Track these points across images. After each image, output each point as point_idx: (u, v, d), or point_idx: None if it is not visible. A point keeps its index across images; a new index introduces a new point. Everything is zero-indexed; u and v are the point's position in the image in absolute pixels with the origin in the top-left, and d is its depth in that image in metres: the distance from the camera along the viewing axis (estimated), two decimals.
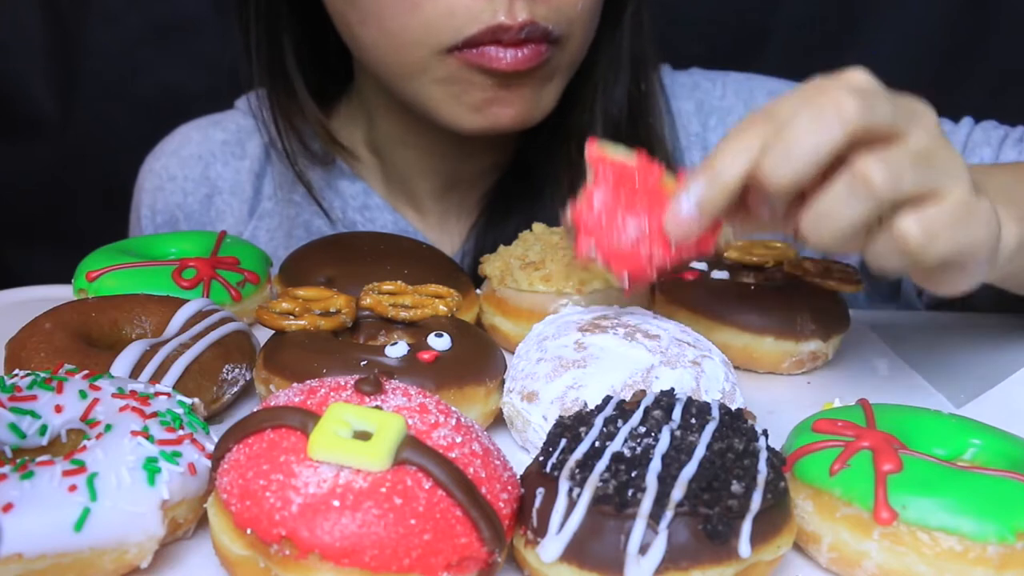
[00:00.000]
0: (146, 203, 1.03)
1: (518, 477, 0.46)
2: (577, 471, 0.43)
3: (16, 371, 0.52)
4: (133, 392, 0.50)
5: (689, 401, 0.48)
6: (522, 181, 0.97)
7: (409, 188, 1.01)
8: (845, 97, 0.50)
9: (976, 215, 0.53)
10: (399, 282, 0.65)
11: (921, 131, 0.52)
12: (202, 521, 0.47)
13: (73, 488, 0.42)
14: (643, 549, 0.40)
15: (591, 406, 0.50)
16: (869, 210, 0.51)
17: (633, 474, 0.42)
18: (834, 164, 0.51)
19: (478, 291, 0.77)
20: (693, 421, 0.46)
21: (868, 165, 0.50)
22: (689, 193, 0.53)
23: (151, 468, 0.44)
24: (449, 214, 1.02)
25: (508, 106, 0.82)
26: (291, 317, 0.60)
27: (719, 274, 0.73)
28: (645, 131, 0.96)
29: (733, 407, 0.52)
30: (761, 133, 0.51)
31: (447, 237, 1.01)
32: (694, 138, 1.03)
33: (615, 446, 0.44)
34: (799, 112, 0.50)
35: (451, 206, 1.01)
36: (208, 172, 1.02)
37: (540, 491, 0.44)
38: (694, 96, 1.03)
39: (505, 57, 0.78)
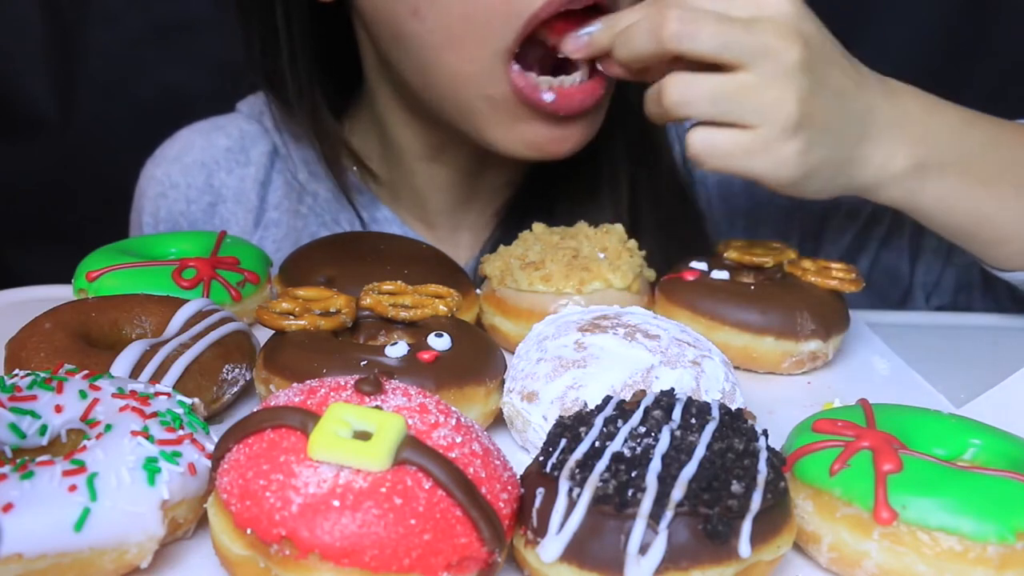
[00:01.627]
0: (148, 210, 1.02)
1: (518, 477, 0.46)
2: (577, 471, 0.43)
3: (16, 371, 0.52)
4: (133, 392, 0.50)
5: (689, 401, 0.48)
6: (538, 199, 0.96)
7: (421, 203, 0.99)
8: (672, 18, 0.64)
9: (769, 154, 0.65)
10: (399, 282, 0.65)
11: (756, 69, 0.64)
12: (202, 521, 0.47)
13: (73, 488, 0.42)
14: (643, 549, 0.40)
15: (591, 406, 0.50)
16: (652, 51, 0.66)
17: (633, 474, 0.42)
18: None
19: (478, 291, 0.77)
20: (693, 421, 0.46)
21: (668, 83, 0.66)
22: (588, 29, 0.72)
23: (151, 468, 0.44)
24: (462, 229, 1.00)
25: (564, 144, 0.80)
26: (291, 317, 0.60)
27: (719, 274, 0.73)
28: (654, 142, 0.96)
29: (733, 407, 0.52)
30: (630, 18, 0.68)
31: (459, 252, 0.99)
32: None
33: (615, 446, 0.44)
34: (641, 15, 0.67)
35: (464, 222, 1.00)
36: (212, 180, 1.01)
37: (540, 491, 0.44)
38: None
39: (571, 100, 0.76)
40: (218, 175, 1.01)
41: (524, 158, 0.82)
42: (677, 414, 0.47)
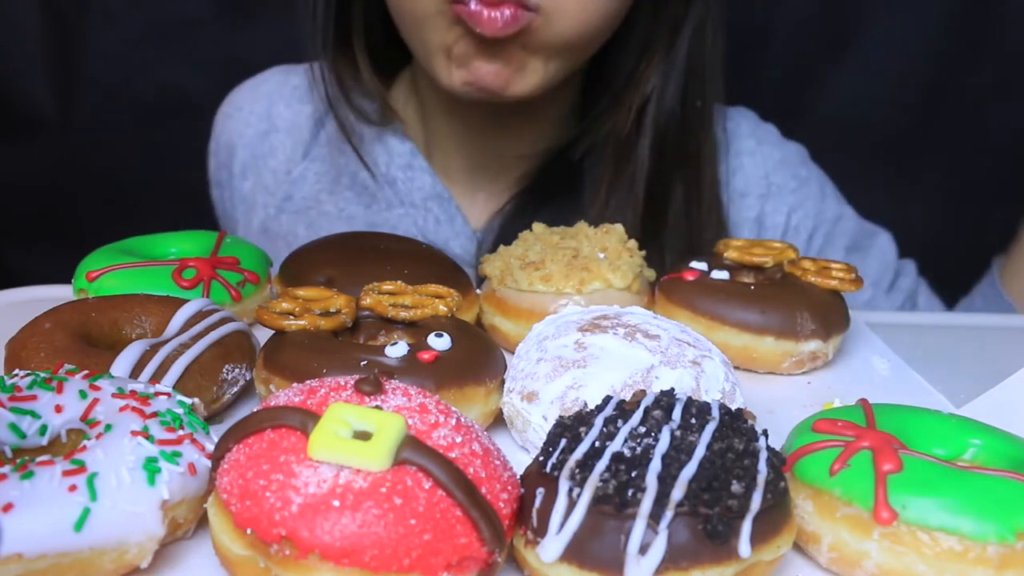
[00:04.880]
0: (217, 130, 1.14)
1: (518, 477, 0.46)
2: (577, 471, 0.43)
3: (16, 371, 0.52)
4: (133, 392, 0.50)
5: (689, 401, 0.48)
6: (562, 177, 0.99)
7: (445, 157, 1.05)
8: None
9: None
10: (399, 282, 0.65)
11: None
12: (202, 521, 0.47)
13: (73, 488, 0.42)
14: (643, 549, 0.40)
15: (591, 406, 0.50)
16: None
17: (633, 474, 0.42)
18: None
19: (478, 291, 0.77)
20: (693, 421, 0.46)
21: None
22: None
23: (151, 468, 0.44)
24: (479, 189, 1.05)
25: (489, 63, 0.85)
26: (291, 317, 0.60)
27: (719, 274, 0.73)
28: (696, 146, 0.98)
29: (733, 407, 0.52)
30: None
31: (475, 212, 1.05)
32: (750, 162, 1.06)
33: (615, 446, 0.44)
34: None
35: (481, 182, 1.05)
36: (271, 110, 1.10)
37: (540, 491, 0.44)
38: (755, 134, 1.07)
39: (484, 14, 0.81)
40: (277, 107, 1.10)
41: (460, 86, 0.88)
42: (677, 414, 0.47)
